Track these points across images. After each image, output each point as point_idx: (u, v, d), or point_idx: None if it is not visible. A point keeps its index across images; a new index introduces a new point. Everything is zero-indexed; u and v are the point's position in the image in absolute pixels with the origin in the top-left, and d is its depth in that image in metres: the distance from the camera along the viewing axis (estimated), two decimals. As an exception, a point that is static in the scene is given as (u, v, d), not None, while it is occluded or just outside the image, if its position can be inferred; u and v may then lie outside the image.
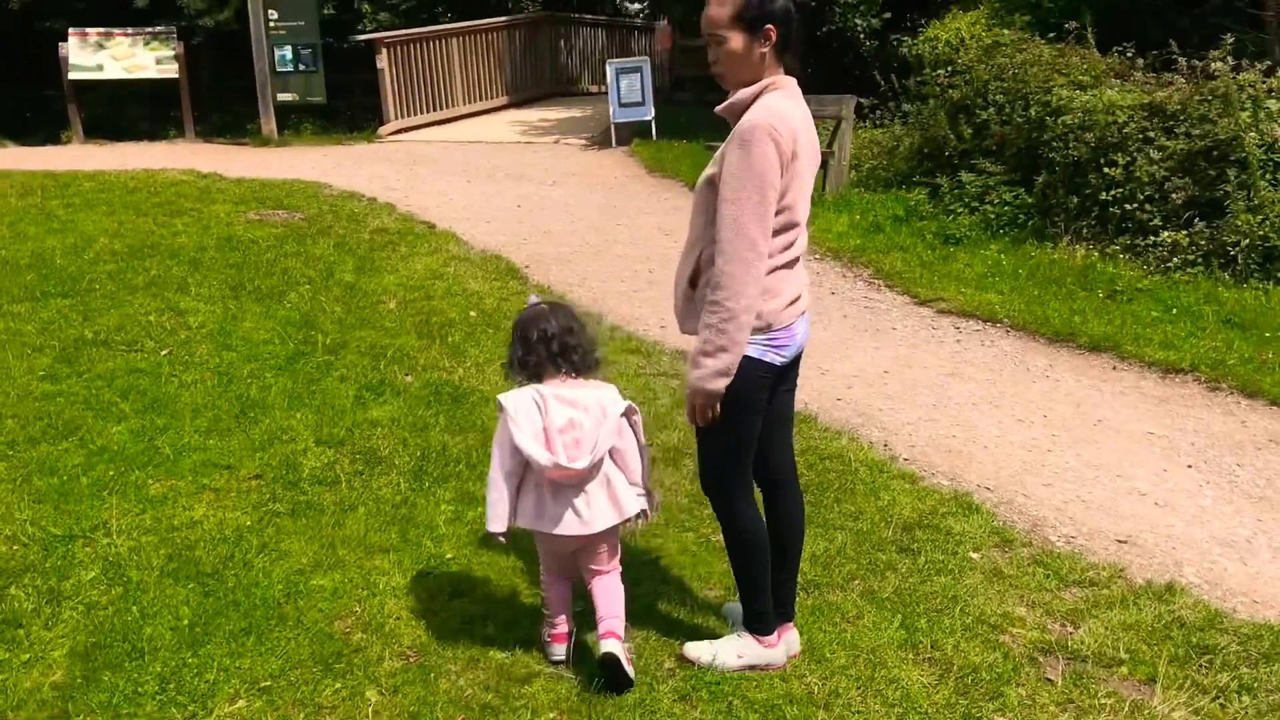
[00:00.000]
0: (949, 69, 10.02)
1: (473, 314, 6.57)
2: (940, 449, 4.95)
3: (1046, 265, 7.61)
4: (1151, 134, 7.93)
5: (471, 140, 14.78)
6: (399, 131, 15.48)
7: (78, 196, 9.40)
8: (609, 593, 3.04)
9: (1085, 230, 7.97)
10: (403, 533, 3.80)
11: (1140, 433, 5.14)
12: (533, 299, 3.16)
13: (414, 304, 6.69)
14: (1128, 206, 7.72)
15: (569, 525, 2.93)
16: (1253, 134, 7.27)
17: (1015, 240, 8.27)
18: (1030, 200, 8.45)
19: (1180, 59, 8.62)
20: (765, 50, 2.87)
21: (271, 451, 4.46)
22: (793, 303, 2.92)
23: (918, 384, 5.75)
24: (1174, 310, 6.69)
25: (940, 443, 5.02)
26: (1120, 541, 4.11)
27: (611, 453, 2.97)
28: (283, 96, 15.60)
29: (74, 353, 5.48)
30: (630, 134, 14.31)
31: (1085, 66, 9.19)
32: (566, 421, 2.90)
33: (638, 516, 3.07)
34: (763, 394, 2.95)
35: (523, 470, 2.94)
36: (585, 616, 3.23)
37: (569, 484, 2.91)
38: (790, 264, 2.91)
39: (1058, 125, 8.47)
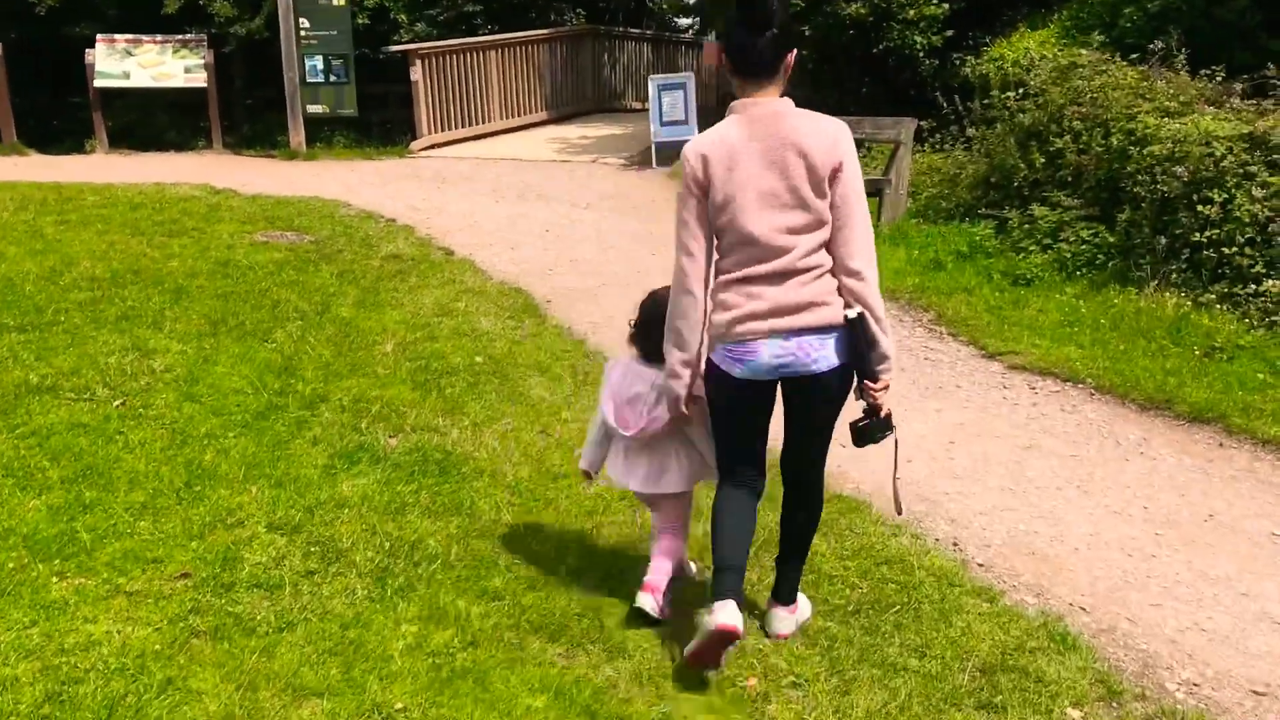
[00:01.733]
0: (1019, 91, 9.14)
1: (479, 360, 5.80)
2: (1021, 550, 4.10)
3: (1132, 315, 6.72)
4: (1253, 168, 7.02)
5: (506, 157, 14.09)
6: (432, 147, 14.83)
7: (75, 212, 8.76)
8: (663, 553, 3.45)
9: (1175, 275, 7.07)
10: (345, 668, 3.01)
11: (1262, 533, 4.26)
12: (657, 290, 3.42)
13: (414, 346, 5.94)
14: (1225, 250, 6.81)
15: (631, 481, 3.44)
16: (1375, 171, 6.34)
17: (1094, 283, 7.38)
18: (1111, 239, 7.56)
19: (1277, 84, 7.72)
20: (727, 71, 3.09)
21: (210, 540, 3.70)
22: (745, 320, 3.00)
23: (990, 459, 4.90)
24: (1285, 373, 5.79)
25: (1021, 541, 4.17)
26: (1258, 693, 3.24)
27: (681, 432, 3.34)
28: (312, 108, 15.00)
29: (12, 401, 4.77)
30: (672, 154, 13.51)
31: (1173, 92, 8.28)
32: (634, 394, 3.36)
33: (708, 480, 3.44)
34: (721, 395, 3.17)
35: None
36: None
37: (634, 445, 3.40)
38: (744, 280, 3.00)
39: (1144, 156, 7.57)
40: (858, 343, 3.01)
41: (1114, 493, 4.60)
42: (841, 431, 3.24)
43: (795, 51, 3.08)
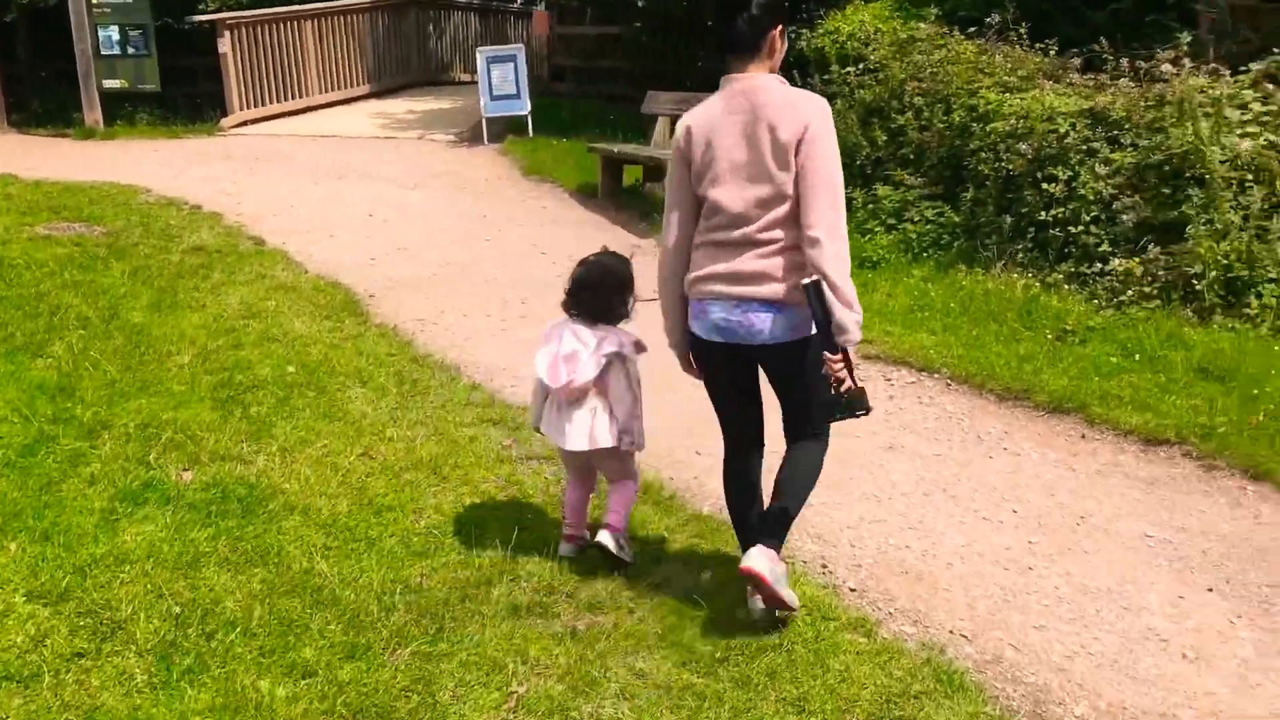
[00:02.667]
0: (859, 66, 8.93)
1: (291, 370, 5.19)
2: (894, 568, 3.79)
3: (982, 297, 6.55)
4: (1095, 145, 6.94)
5: (326, 134, 13.25)
6: (244, 124, 13.85)
7: None
8: (616, 495, 3.61)
9: (1021, 255, 6.94)
10: (113, 791, 2.46)
11: (1135, 535, 4.06)
12: (604, 248, 3.71)
13: (216, 356, 5.28)
14: (1071, 229, 6.70)
15: (559, 437, 3.52)
16: (1214, 148, 6.30)
17: (941, 265, 7.21)
18: (957, 219, 7.40)
19: (1109, 58, 7.67)
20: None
21: (-51, 620, 3.05)
22: (703, 280, 3.15)
23: (851, 463, 4.59)
24: (1136, 356, 5.67)
25: (892, 558, 3.86)
26: (1155, 728, 3.00)
27: (601, 388, 3.45)
28: (109, 83, 13.84)
29: None
30: (503, 129, 12.96)
31: (1011, 66, 8.19)
32: (570, 352, 3.41)
33: (623, 445, 3.51)
34: (696, 352, 3.36)
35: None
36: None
37: (567, 403, 3.46)
38: (710, 244, 3.16)
39: (986, 133, 7.43)
40: (815, 311, 2.99)
41: (982, 495, 4.35)
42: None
43: (782, 28, 3.18)
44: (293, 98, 14.79)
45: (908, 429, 5.00)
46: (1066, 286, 6.58)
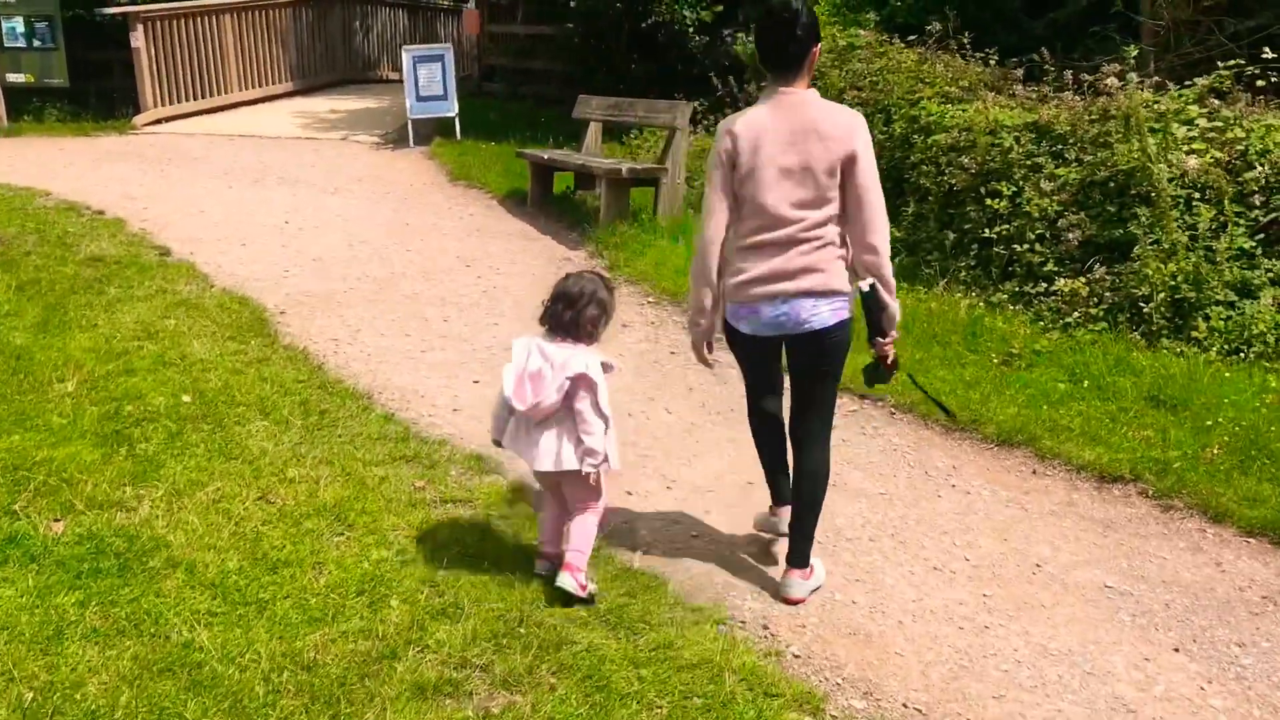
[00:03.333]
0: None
1: (186, 399, 4.76)
2: (841, 628, 3.49)
3: (925, 317, 6.30)
4: (1039, 159, 6.74)
5: (244, 133, 12.70)
6: (159, 121, 13.24)
7: None
8: (575, 530, 3.47)
9: (964, 273, 6.72)
10: None
11: (1095, 585, 3.81)
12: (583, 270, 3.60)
13: (104, 383, 4.82)
14: (1016, 247, 6.49)
15: (527, 457, 3.45)
16: (1161, 165, 6.12)
17: (882, 281, 6.94)
18: (898, 234, 7.15)
19: (1050, 69, 7.51)
20: (759, 63, 3.55)
21: None
22: (750, 284, 3.44)
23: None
24: (1084, 382, 5.46)
25: (839, 616, 3.56)
26: (1130, 820, 2.72)
27: (575, 412, 3.36)
28: (13, 77, 13.18)
29: None
30: (430, 132, 12.52)
31: (952, 75, 7.98)
32: (536, 370, 3.35)
33: (585, 468, 3.39)
34: (737, 348, 3.68)
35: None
36: None
37: (534, 422, 3.39)
38: (754, 247, 3.42)
39: (928, 145, 7.20)
40: (871, 307, 3.45)
41: (932, 541, 4.07)
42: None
43: (819, 48, 3.47)
44: (211, 95, 14.20)
45: (851, 464, 4.72)
46: (1011, 307, 6.37)
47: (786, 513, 3.74)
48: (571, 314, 3.41)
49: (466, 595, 3.41)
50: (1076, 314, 6.09)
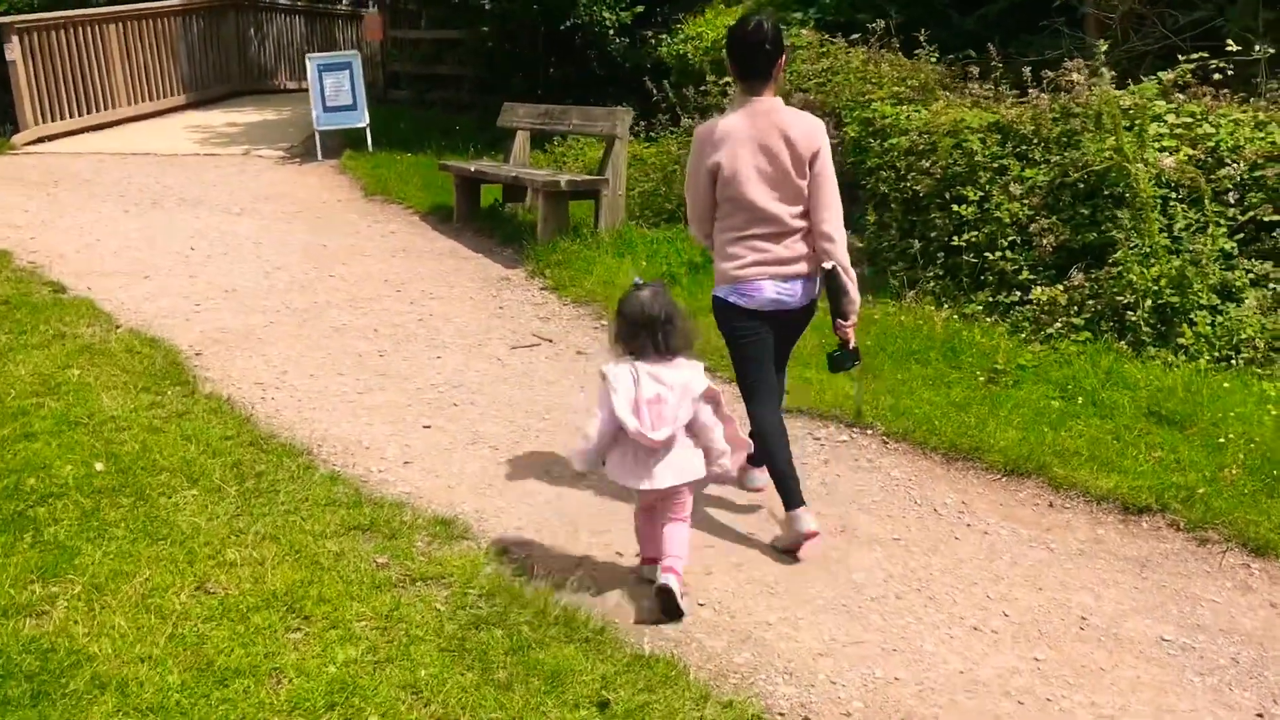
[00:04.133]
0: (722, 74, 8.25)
1: (100, 467, 4.13)
2: (891, 713, 3.05)
3: (898, 332, 5.93)
4: (1005, 162, 6.42)
5: (137, 151, 11.88)
6: (41, 140, 12.34)
7: None
8: (675, 537, 3.51)
9: (933, 283, 6.37)
10: None
11: (1150, 639, 3.44)
12: (637, 280, 3.56)
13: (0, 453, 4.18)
14: (988, 255, 6.16)
15: (645, 481, 3.40)
16: (1139, 164, 5.83)
17: (845, 294, 6.56)
18: (859, 244, 6.78)
19: (996, 66, 7.21)
20: (730, 73, 4.03)
21: None
22: (750, 265, 3.83)
23: (804, 558, 3.85)
24: (1079, 399, 5.13)
25: (886, 697, 3.11)
26: None
27: (690, 424, 3.42)
28: (-126, 95, 12.09)
29: None
30: (339, 143, 11.86)
31: (898, 75, 7.65)
32: (654, 395, 3.37)
33: (711, 477, 3.56)
34: (738, 324, 3.94)
35: (616, 430, 3.40)
36: None
37: (650, 448, 3.38)
38: (745, 238, 3.83)
39: (885, 150, 6.84)
40: (833, 289, 3.84)
41: (963, 595, 3.67)
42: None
43: (785, 59, 3.89)
44: (97, 110, 13.30)
45: (854, 504, 4.30)
46: (987, 318, 6.04)
47: (804, 515, 3.87)
48: (664, 335, 3.42)
49: (457, 702, 2.89)
50: (1058, 324, 5.78)
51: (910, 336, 5.86)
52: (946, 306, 6.19)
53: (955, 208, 6.33)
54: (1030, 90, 6.85)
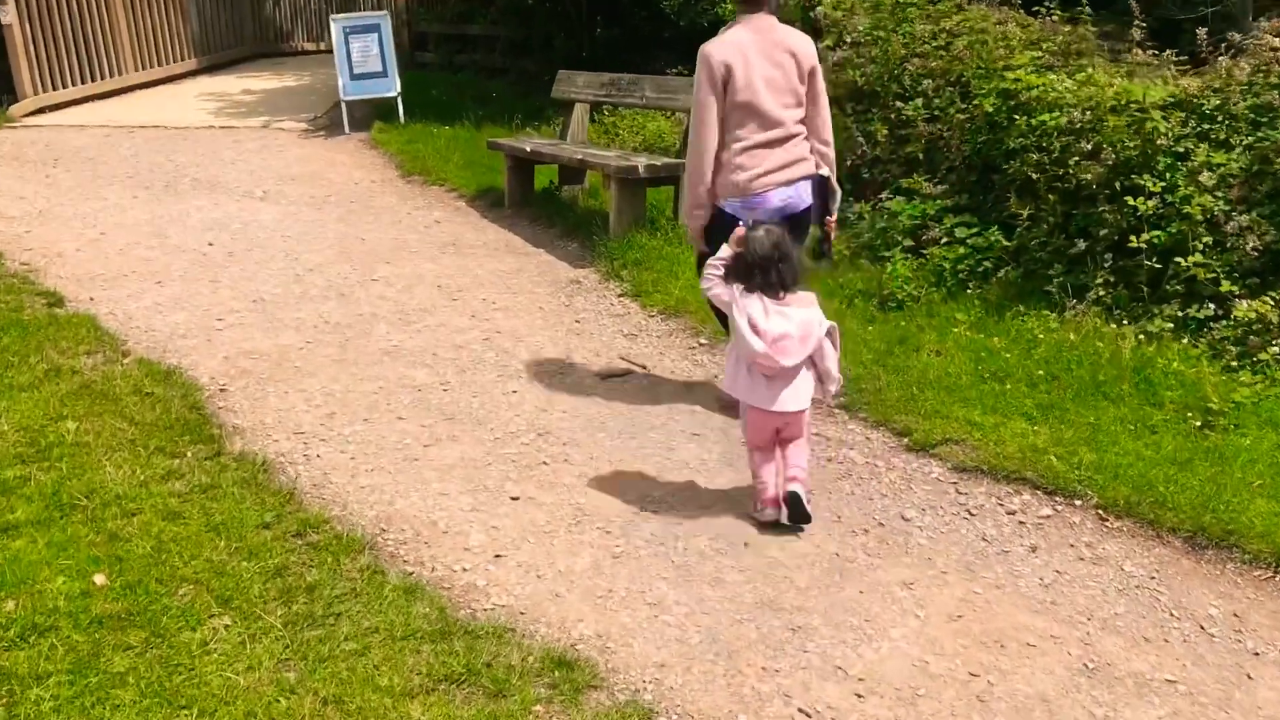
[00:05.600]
0: (840, 37, 7.13)
1: (100, 580, 3.12)
2: None
3: (1070, 355, 4.86)
4: (1187, 144, 5.32)
5: (146, 124, 10.82)
6: (41, 111, 11.30)
7: None
8: (798, 452, 3.73)
9: (1102, 292, 5.28)
10: None
11: None
12: (745, 222, 3.80)
13: (-32, 563, 3.16)
14: (1180, 260, 5.06)
15: (773, 403, 3.60)
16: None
17: (988, 305, 5.50)
18: (1008, 242, 5.69)
19: (1141, 25, 6.09)
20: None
21: None
22: (758, 176, 4.13)
23: (1047, 700, 2.82)
24: (1326, 453, 4.07)
25: None
26: None
27: (819, 353, 3.64)
28: None
29: None
30: (368, 114, 10.78)
31: (1031, 38, 6.52)
32: (782, 333, 3.54)
33: (828, 396, 3.81)
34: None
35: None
36: None
37: (773, 375, 3.58)
38: (753, 147, 4.12)
39: (1031, 127, 5.73)
40: (827, 193, 4.35)
41: (1298, 782, 2.64)
42: None
43: None
44: (102, 76, 12.25)
45: (1093, 618, 3.26)
46: (1179, 339, 4.95)
47: None
48: (779, 273, 3.58)
49: None
50: (1275, 347, 4.70)
51: (1088, 362, 4.79)
52: (1121, 321, 5.11)
53: (1130, 200, 5.23)
54: (1201, 55, 5.74)
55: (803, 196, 4.24)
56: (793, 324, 3.54)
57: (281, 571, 3.24)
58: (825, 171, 4.28)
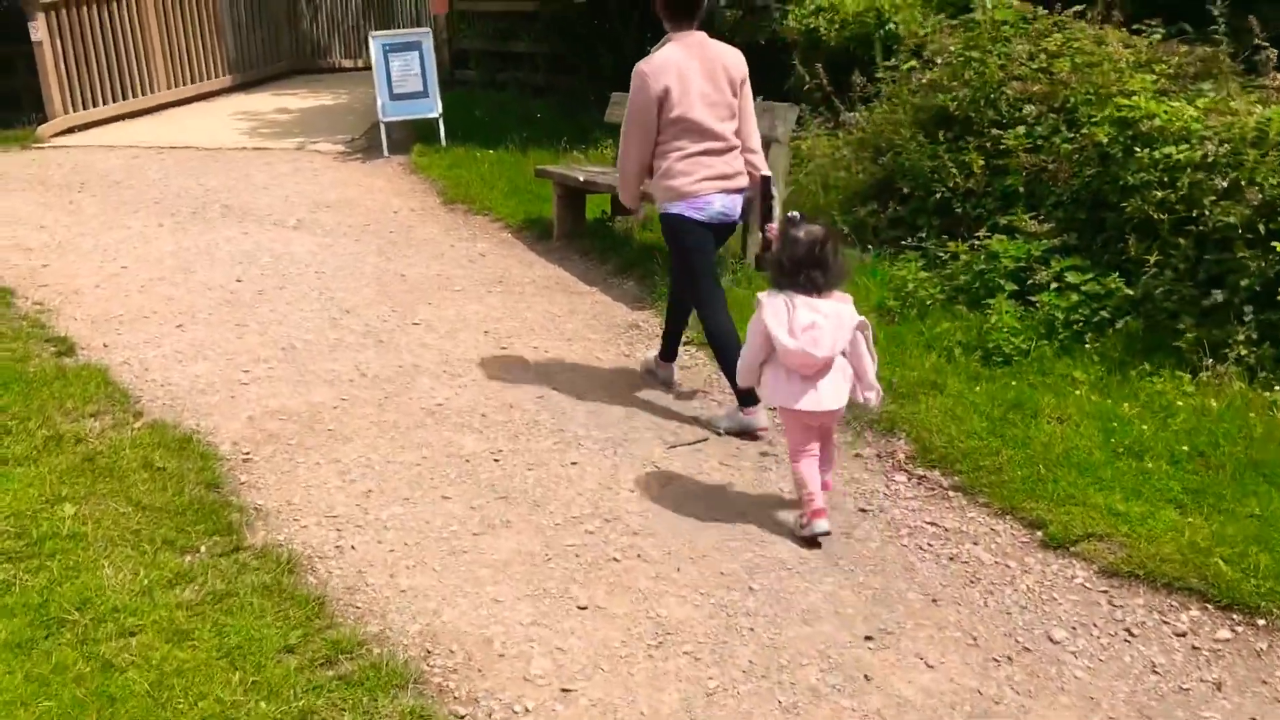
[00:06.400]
0: (921, 59, 6.50)
1: (87, 736, 2.54)
2: None
3: (1218, 430, 4.19)
4: (1341, 182, 4.66)
5: (176, 145, 10.34)
6: (70, 131, 10.85)
7: None
8: (826, 459, 3.74)
9: (1243, 349, 4.61)
10: None
11: None
12: (792, 215, 3.73)
13: (-73, 709, 2.60)
14: (1342, 317, 4.40)
15: (807, 401, 3.56)
16: None
17: (1108, 361, 4.83)
18: (1130, 291, 5.03)
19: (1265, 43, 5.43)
20: (662, 14, 4.36)
21: None
22: (702, 180, 4.34)
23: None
24: None
25: None
26: None
27: (846, 352, 3.60)
28: (-117, 80, 10.65)
29: None
30: (407, 136, 10.24)
31: (1140, 59, 5.88)
32: (810, 323, 3.51)
33: (865, 403, 3.71)
34: (691, 237, 4.44)
35: (768, 355, 3.62)
36: None
37: (807, 372, 3.54)
38: (694, 155, 4.32)
39: (1154, 161, 5.08)
40: (765, 195, 4.40)
41: None
42: None
43: None
44: (133, 95, 11.79)
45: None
46: (1344, 410, 4.27)
47: (673, 368, 4.90)
48: (824, 271, 3.56)
49: None
50: None
51: (1239, 437, 4.13)
52: (1270, 386, 4.45)
53: (1278, 245, 4.57)
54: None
55: (737, 208, 4.48)
56: (821, 314, 3.52)
57: (307, 717, 2.64)
58: (766, 171, 4.46)
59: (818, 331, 3.48)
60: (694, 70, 4.24)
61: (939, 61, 6.14)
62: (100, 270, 6.47)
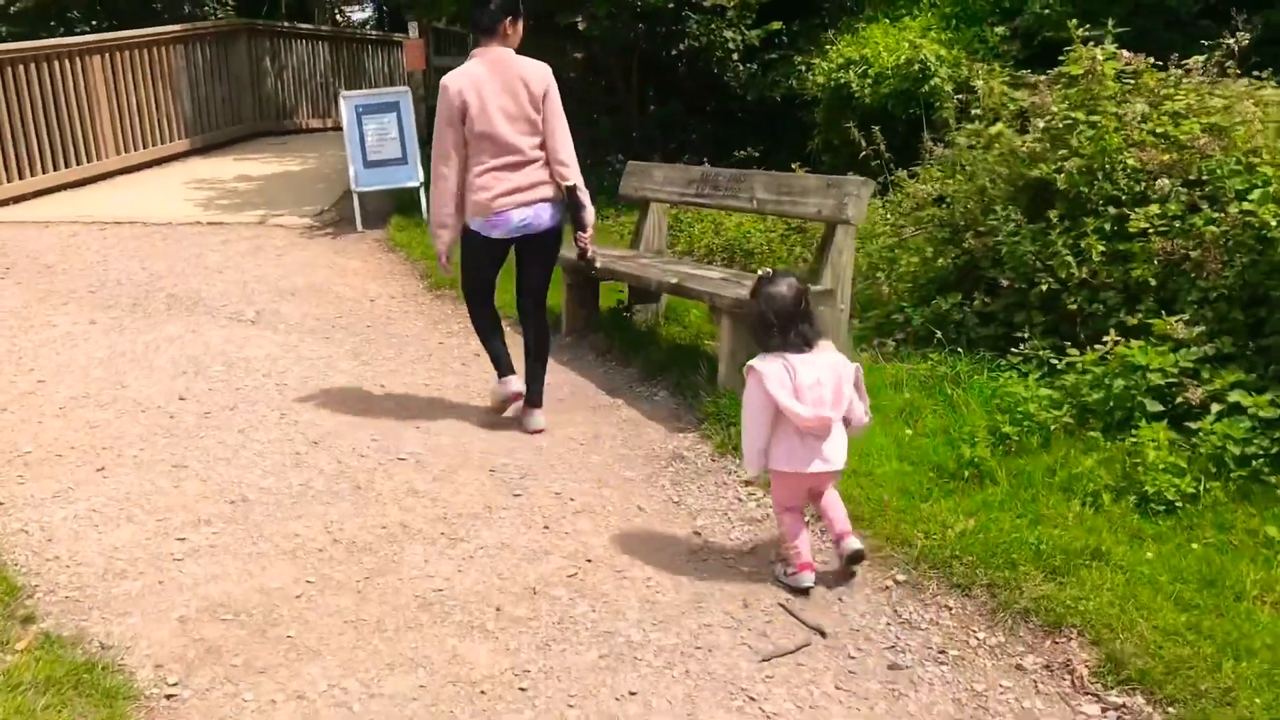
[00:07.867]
0: (1012, 120, 5.43)
1: None
2: None
3: None
4: None
5: (121, 219, 9.16)
6: (6, 203, 9.62)
7: None
8: (837, 504, 3.62)
9: None
10: None
11: None
12: (764, 272, 3.64)
13: None
14: None
15: (818, 465, 3.44)
16: None
17: (1301, 507, 3.73)
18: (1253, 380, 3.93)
19: None
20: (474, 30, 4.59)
21: None
22: (498, 196, 4.47)
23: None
24: None
25: None
26: None
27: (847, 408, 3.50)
28: None
29: None
30: (384, 207, 9.13)
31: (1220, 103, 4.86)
32: (814, 381, 3.39)
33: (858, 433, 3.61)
34: (479, 248, 4.65)
35: (773, 423, 3.43)
36: None
37: (822, 434, 3.41)
38: (492, 169, 4.46)
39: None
40: (573, 205, 4.58)
41: None
42: None
43: (513, 19, 4.48)
44: (78, 162, 10.62)
45: None
46: None
47: (513, 380, 4.86)
48: (806, 323, 3.46)
49: None
50: None
51: None
52: None
53: None
54: None
55: (542, 218, 4.57)
56: (821, 369, 3.42)
57: None
58: (571, 181, 4.53)
59: (823, 389, 3.40)
60: (493, 84, 4.39)
61: (1041, 125, 5.05)
62: (10, 386, 5.27)
